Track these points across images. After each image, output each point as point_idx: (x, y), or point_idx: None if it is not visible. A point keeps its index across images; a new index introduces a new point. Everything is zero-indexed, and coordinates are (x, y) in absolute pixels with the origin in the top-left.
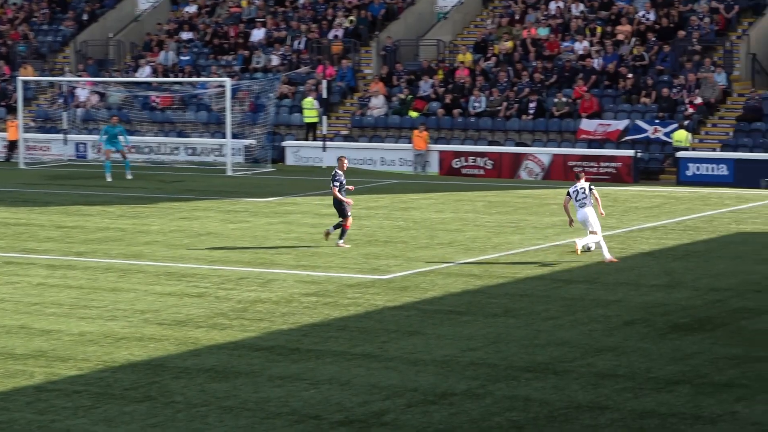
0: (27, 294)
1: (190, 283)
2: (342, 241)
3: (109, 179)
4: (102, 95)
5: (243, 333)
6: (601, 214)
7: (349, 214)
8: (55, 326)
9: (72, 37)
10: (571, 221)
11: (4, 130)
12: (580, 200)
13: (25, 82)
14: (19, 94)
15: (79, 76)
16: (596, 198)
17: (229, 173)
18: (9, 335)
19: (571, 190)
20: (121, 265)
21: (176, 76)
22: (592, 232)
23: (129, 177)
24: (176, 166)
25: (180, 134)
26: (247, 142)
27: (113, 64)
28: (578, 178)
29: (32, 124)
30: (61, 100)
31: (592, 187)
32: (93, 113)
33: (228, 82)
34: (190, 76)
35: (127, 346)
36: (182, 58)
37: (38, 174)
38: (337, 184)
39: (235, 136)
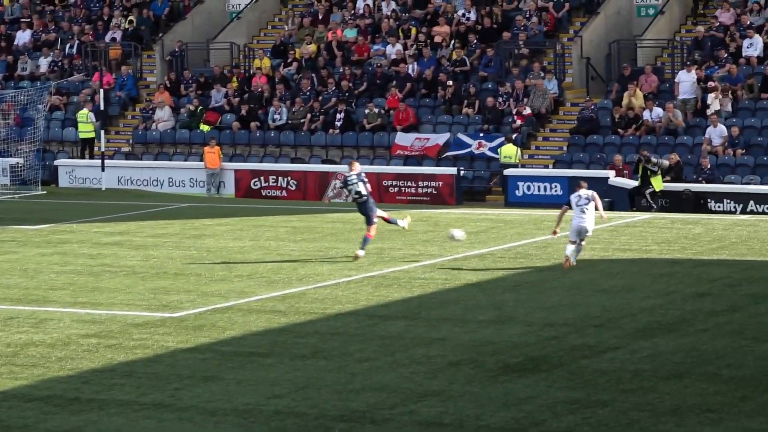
0: None
1: None
2: (362, 251)
3: None
4: None
5: (13, 381)
6: (603, 217)
7: (375, 221)
8: None
9: None
10: (555, 231)
11: None
12: (581, 206)
13: None
14: None
15: None
16: (597, 203)
17: None
18: None
19: (572, 198)
20: None
21: None
22: (581, 242)
23: None
24: None
25: None
26: (13, 161)
27: None
28: (579, 186)
29: None
30: None
31: (595, 194)
32: None
33: None
34: None
35: None
36: None
37: None
38: (360, 183)
39: None
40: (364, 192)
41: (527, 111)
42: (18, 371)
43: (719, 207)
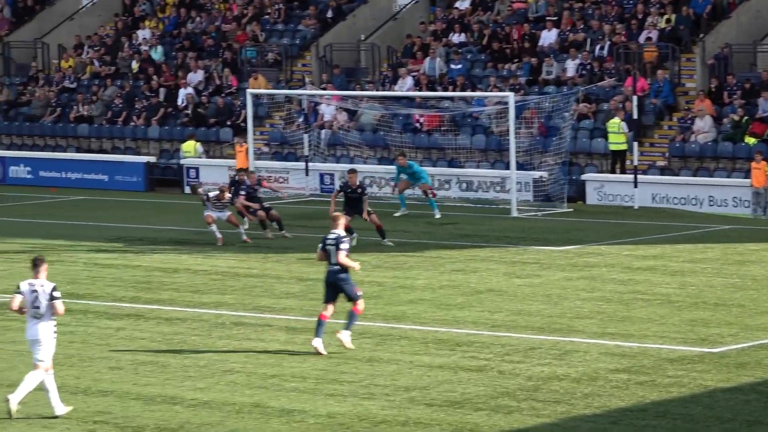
0: (262, 364)
1: (466, 354)
2: None
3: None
4: (352, 113)
5: (534, 419)
6: None
7: None
8: (297, 405)
9: (314, 39)
10: None
11: (231, 156)
12: None
13: (256, 96)
14: (249, 112)
15: (323, 88)
16: None
17: (515, 214)
18: (240, 415)
19: None
20: (378, 328)
21: (445, 90)
22: None
23: (437, 216)
24: (447, 204)
25: (451, 163)
26: (536, 174)
27: (365, 73)
28: None
29: (265, 149)
30: (300, 119)
31: None
32: (341, 136)
33: (511, 97)
34: (462, 90)
35: (387, 431)
36: (453, 66)
37: None
38: None
39: (521, 166)
40: None
41: None
42: (540, 407)
43: None
